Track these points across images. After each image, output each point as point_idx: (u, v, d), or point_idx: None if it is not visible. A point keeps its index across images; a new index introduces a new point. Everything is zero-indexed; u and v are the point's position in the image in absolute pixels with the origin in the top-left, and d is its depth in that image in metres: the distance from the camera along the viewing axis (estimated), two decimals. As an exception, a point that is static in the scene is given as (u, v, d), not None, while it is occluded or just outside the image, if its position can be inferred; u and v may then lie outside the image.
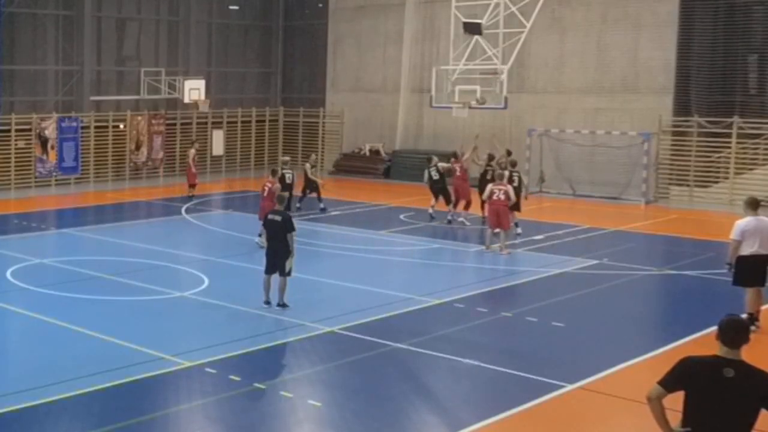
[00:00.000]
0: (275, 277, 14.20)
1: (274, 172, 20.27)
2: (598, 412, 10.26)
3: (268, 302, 14.27)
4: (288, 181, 22.18)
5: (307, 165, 24.72)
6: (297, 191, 23.74)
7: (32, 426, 9.49)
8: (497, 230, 18.95)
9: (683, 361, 6.26)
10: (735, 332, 6.15)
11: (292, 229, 14.02)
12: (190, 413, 9.99)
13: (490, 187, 19.38)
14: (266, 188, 19.16)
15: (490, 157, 22.82)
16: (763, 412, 6.11)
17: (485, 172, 22.20)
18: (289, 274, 14.13)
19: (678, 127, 27.84)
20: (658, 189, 27.82)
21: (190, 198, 26.72)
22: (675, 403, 6.28)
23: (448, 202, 22.79)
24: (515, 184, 20.71)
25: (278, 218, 14.13)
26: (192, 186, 27.08)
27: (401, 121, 33.55)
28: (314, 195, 24.41)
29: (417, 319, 13.89)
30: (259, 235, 18.98)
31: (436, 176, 23.00)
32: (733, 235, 13.04)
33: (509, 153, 22.84)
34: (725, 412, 6.01)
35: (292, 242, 13.98)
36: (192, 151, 27.67)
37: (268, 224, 14.42)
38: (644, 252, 19.81)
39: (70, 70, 31.91)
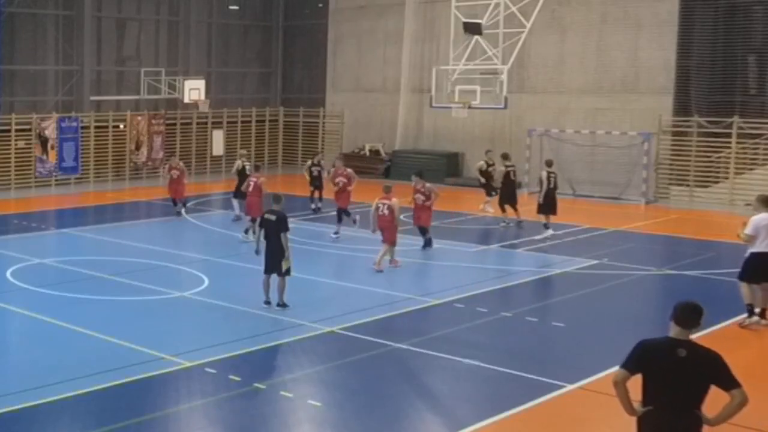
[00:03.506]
0: (274, 277, 14.18)
1: (257, 168, 21.13)
2: (598, 412, 10.25)
3: (268, 302, 14.25)
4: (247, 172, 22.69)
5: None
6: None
7: (32, 426, 9.49)
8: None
9: (640, 344, 6.78)
10: (690, 314, 6.67)
11: (286, 229, 13.98)
12: (190, 413, 9.99)
13: (375, 201, 17.94)
14: (251, 183, 20.03)
15: (505, 156, 22.86)
16: (758, 408, 6.21)
17: (507, 173, 22.36)
18: (287, 273, 14.10)
19: (678, 127, 27.83)
20: (658, 189, 27.82)
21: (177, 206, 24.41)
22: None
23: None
24: (551, 185, 20.60)
25: (273, 218, 14.08)
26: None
27: (401, 121, 33.54)
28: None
29: (417, 319, 13.89)
30: (245, 232, 19.98)
31: None
32: (748, 230, 13.24)
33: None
34: (679, 388, 6.56)
35: (285, 242, 13.92)
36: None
37: (263, 223, 14.28)
38: (644, 252, 19.80)
39: (70, 70, 31.92)
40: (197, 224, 22.98)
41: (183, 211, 24.00)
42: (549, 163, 21.36)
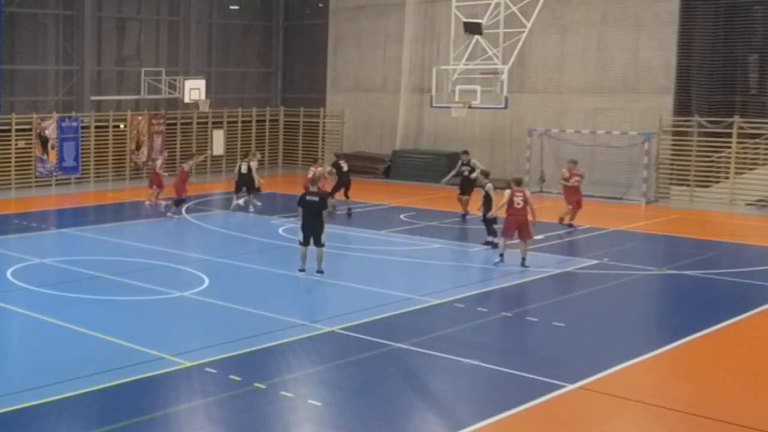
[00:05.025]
0: (311, 249, 16.42)
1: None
2: (598, 412, 10.25)
3: (302, 270, 16.53)
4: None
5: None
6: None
7: (32, 426, 9.49)
8: None
9: None
10: None
11: (326, 207, 16.87)
12: (190, 413, 9.99)
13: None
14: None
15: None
16: (759, 408, 6.14)
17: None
18: (324, 245, 16.48)
19: (678, 127, 27.83)
20: (658, 189, 27.81)
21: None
22: (675, 402, 6.28)
23: None
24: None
25: (316, 198, 16.59)
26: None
27: (401, 121, 33.55)
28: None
29: (417, 319, 13.89)
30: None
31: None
32: None
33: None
34: None
35: (325, 219, 16.71)
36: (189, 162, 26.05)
37: (306, 204, 16.61)
38: (644, 252, 19.80)
39: (71, 70, 31.92)
40: (197, 224, 22.98)
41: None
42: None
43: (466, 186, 23.05)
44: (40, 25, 31.37)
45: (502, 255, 17.65)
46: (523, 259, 17.49)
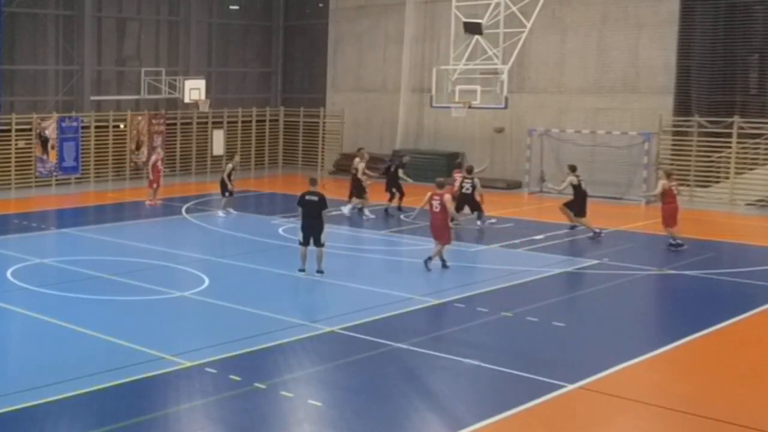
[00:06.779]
0: (311, 249, 16.42)
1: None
2: (598, 412, 10.25)
3: (302, 270, 16.54)
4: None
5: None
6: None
7: (32, 426, 9.49)
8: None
9: None
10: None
11: (326, 207, 16.70)
12: (190, 413, 9.99)
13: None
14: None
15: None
16: (759, 408, 6.13)
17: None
18: (323, 245, 16.50)
19: (678, 126, 27.83)
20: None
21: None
22: (674, 402, 6.28)
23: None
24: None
25: (315, 198, 16.51)
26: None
27: (401, 121, 33.54)
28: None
29: (417, 319, 13.89)
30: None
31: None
32: None
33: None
34: None
35: (325, 219, 16.64)
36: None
37: (306, 203, 16.55)
38: (644, 252, 19.78)
39: (71, 69, 31.93)
40: (197, 224, 22.98)
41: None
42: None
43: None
44: (40, 25, 31.37)
45: (430, 258, 17.35)
46: (443, 261, 17.27)
